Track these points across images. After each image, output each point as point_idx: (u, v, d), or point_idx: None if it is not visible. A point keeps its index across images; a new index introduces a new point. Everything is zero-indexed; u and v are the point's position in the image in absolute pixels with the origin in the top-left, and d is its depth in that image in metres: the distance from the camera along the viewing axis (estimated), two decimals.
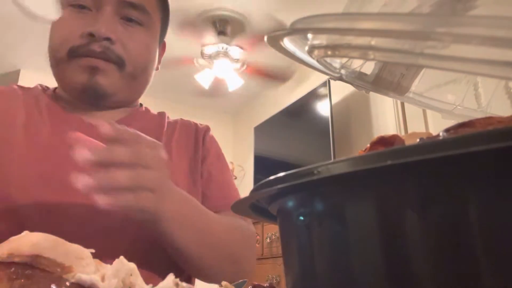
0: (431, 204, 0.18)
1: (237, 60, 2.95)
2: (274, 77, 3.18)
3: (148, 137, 0.47)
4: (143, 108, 0.74)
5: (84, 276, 0.23)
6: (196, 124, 0.77)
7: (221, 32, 2.77)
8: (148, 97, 0.71)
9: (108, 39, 0.59)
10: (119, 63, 0.61)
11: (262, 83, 3.36)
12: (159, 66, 0.73)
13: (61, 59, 0.60)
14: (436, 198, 0.18)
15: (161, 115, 0.75)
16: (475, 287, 0.17)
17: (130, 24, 0.63)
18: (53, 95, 0.68)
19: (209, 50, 2.90)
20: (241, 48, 2.89)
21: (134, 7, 0.62)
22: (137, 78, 0.65)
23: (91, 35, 0.58)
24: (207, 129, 0.77)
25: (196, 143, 0.73)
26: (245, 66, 3.03)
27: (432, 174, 0.18)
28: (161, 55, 0.74)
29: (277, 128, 3.24)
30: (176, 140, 0.70)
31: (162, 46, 0.74)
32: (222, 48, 2.85)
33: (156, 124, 0.72)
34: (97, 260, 0.27)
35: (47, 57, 0.64)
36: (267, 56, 2.89)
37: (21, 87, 0.68)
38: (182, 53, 2.90)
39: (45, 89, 0.70)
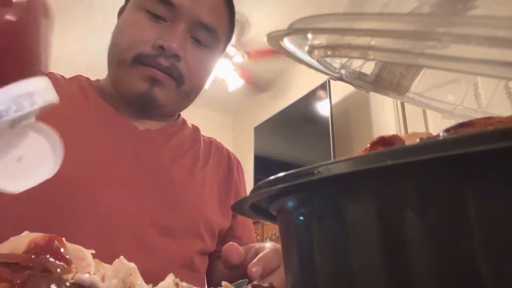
0: (431, 204, 0.18)
1: (235, 53, 2.96)
2: (255, 85, 3.20)
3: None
4: (181, 119, 0.76)
5: (84, 276, 0.23)
6: (228, 151, 0.79)
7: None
8: None
9: (176, 56, 0.60)
10: (179, 81, 0.62)
11: (275, 72, 3.37)
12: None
13: (124, 61, 0.60)
14: (436, 198, 0.18)
15: (196, 130, 0.77)
16: (475, 287, 0.17)
17: (199, 46, 0.64)
18: (100, 90, 0.67)
19: None
20: (247, 54, 2.91)
21: (208, 30, 0.63)
22: (190, 96, 0.67)
23: (162, 48, 0.59)
24: (239, 162, 0.80)
25: (230, 175, 0.75)
26: (246, 56, 3.04)
27: (432, 174, 0.18)
28: None
29: (277, 128, 3.24)
30: (211, 166, 0.72)
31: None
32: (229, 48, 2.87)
33: (193, 139, 0.74)
34: (97, 260, 0.27)
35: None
36: (264, 67, 2.91)
37: (63, 76, 0.68)
38: None
39: (88, 80, 0.69)
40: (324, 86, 2.72)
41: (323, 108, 2.72)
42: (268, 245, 0.48)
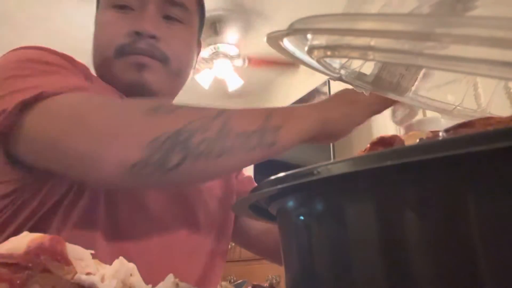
0: (430, 204, 0.18)
1: (237, 56, 2.94)
2: (283, 63, 3.08)
3: None
4: None
5: (84, 276, 0.23)
6: None
7: (213, 33, 2.77)
8: None
9: (153, 37, 0.61)
10: (164, 60, 0.62)
11: (262, 82, 3.35)
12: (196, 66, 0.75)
13: (108, 58, 0.61)
14: (435, 198, 0.18)
15: None
16: (475, 287, 0.17)
17: (172, 22, 0.65)
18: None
19: (203, 53, 2.90)
20: (232, 44, 2.88)
21: (174, 4, 0.64)
22: (181, 76, 0.67)
23: (137, 33, 0.60)
24: None
25: None
26: (247, 61, 3.01)
27: (431, 174, 0.18)
28: (198, 54, 0.75)
29: None
30: None
31: (198, 45, 0.76)
32: (215, 48, 2.85)
33: None
34: (97, 260, 0.27)
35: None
36: (264, 46, 2.88)
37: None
38: None
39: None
40: (324, 86, 2.72)
41: None
42: None
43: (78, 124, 0.44)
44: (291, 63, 3.06)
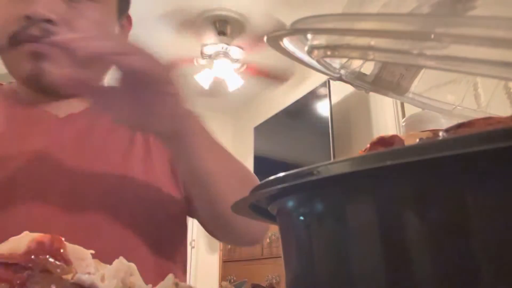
0: (430, 205, 0.18)
1: (237, 60, 2.96)
2: (273, 77, 3.18)
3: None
4: None
5: (84, 276, 0.23)
6: None
7: (221, 32, 2.78)
8: None
9: (48, 20, 0.52)
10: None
11: (262, 83, 3.36)
12: None
13: (2, 48, 0.54)
14: (435, 198, 0.18)
15: None
16: (475, 287, 0.17)
17: (77, 1, 0.55)
18: (10, 91, 0.62)
19: (209, 50, 2.90)
20: (241, 48, 2.90)
21: None
22: (95, 61, 0.57)
23: (28, 17, 0.52)
24: None
25: None
26: (245, 66, 3.03)
27: (431, 175, 0.18)
28: (126, 30, 0.66)
29: (277, 128, 3.24)
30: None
31: (127, 19, 0.66)
32: (222, 48, 2.86)
33: None
34: (97, 260, 0.27)
35: None
36: (267, 57, 2.89)
37: None
38: (182, 53, 2.90)
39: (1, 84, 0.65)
40: (324, 86, 2.72)
41: (323, 108, 2.72)
42: None
43: None
44: (282, 78, 3.14)
